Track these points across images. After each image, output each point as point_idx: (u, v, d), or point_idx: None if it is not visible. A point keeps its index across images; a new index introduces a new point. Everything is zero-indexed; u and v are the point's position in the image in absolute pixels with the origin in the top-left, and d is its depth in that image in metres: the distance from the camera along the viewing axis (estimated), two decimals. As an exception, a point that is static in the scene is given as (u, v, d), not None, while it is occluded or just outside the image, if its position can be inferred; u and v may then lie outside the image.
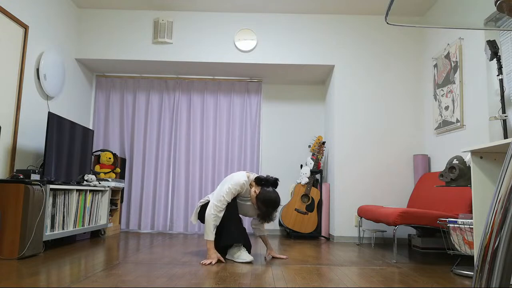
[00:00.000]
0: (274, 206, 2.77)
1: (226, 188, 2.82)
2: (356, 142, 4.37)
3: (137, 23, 4.52)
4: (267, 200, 2.75)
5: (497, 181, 0.68)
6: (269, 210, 2.77)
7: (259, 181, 2.85)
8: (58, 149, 3.53)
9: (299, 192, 4.51)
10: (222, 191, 2.83)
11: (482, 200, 2.19)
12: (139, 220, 4.75)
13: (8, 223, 2.69)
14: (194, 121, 4.90)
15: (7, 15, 3.28)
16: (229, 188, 2.81)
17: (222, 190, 2.84)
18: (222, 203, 2.79)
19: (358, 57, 4.48)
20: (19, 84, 3.47)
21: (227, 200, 2.80)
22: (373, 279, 2.30)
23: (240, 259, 2.82)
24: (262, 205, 2.77)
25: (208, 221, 2.77)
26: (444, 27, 4.19)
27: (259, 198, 2.78)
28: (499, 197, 0.66)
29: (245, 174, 2.92)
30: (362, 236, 4.30)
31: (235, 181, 2.84)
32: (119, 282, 2.04)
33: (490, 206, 0.68)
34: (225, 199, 2.79)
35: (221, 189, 2.86)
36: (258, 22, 4.52)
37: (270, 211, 2.78)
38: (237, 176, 2.87)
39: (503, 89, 2.73)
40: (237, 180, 2.84)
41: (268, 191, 2.78)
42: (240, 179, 2.85)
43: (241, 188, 2.84)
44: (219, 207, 2.78)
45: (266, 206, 2.76)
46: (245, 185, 2.87)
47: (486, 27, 3.25)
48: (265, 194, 2.77)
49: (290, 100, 5.12)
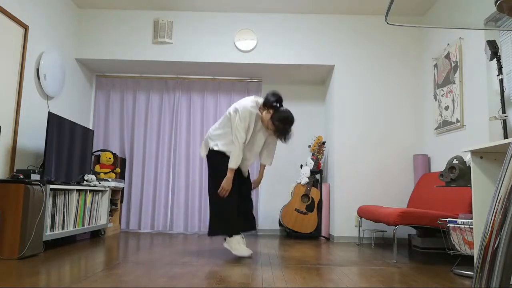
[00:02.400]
0: (291, 123, 2.85)
1: (237, 119, 2.84)
2: (356, 142, 4.37)
3: (137, 23, 4.52)
4: (284, 118, 2.82)
5: (497, 181, 0.68)
6: (286, 128, 2.85)
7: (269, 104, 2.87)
8: (58, 149, 3.53)
9: (299, 192, 4.51)
10: (235, 126, 2.85)
11: (482, 200, 2.19)
12: (139, 220, 4.75)
13: (8, 223, 2.69)
14: (194, 121, 4.90)
15: (7, 15, 3.28)
16: (239, 119, 2.84)
17: (234, 125, 2.86)
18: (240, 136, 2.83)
19: (358, 57, 4.48)
20: (19, 84, 3.47)
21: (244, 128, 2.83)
22: (373, 279, 2.30)
23: (237, 252, 2.86)
24: (279, 123, 2.82)
25: (234, 154, 2.84)
26: (444, 27, 4.19)
27: (275, 118, 2.83)
28: (499, 197, 0.66)
29: (252, 99, 2.94)
30: (362, 236, 4.30)
31: (243, 107, 2.85)
32: (119, 282, 2.04)
33: (490, 206, 0.68)
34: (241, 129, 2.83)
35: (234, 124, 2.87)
36: (258, 22, 4.52)
37: (288, 128, 2.86)
38: (244, 102, 2.90)
39: (503, 89, 2.73)
40: (246, 105, 2.86)
41: (283, 110, 2.85)
42: (248, 105, 2.87)
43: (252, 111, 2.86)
44: (238, 141, 2.83)
45: (283, 124, 2.82)
46: (253, 112, 2.88)
47: (486, 27, 3.25)
48: (280, 113, 2.83)
49: (290, 100, 5.12)
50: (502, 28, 3.21)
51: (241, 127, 2.83)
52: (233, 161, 2.84)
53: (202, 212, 4.76)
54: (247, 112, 2.84)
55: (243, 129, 2.83)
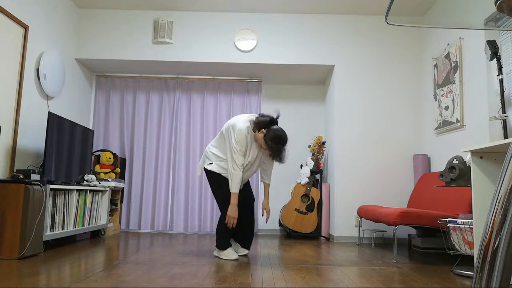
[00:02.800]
0: (283, 142, 2.79)
1: (233, 142, 2.81)
2: (356, 142, 4.37)
3: (137, 23, 4.52)
4: (277, 138, 2.76)
5: (497, 181, 0.68)
6: (280, 147, 2.80)
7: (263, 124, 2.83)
8: (58, 149, 3.53)
9: (299, 192, 4.51)
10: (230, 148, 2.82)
11: (482, 200, 2.19)
12: (139, 220, 4.75)
13: (8, 223, 2.69)
14: (194, 121, 4.90)
15: (7, 15, 3.28)
16: (235, 142, 2.81)
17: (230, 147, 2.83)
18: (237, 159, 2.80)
19: (358, 57, 4.48)
20: (19, 84, 3.47)
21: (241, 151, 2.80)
22: (373, 279, 2.30)
23: (225, 257, 2.88)
24: (272, 143, 2.77)
25: (232, 177, 2.80)
26: (444, 27, 4.19)
27: (268, 137, 2.78)
28: (499, 197, 0.66)
29: (246, 119, 2.89)
30: (362, 236, 4.30)
31: (239, 130, 2.82)
32: (119, 282, 2.04)
33: (490, 206, 0.68)
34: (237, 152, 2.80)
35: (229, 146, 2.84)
36: (258, 22, 4.52)
37: (281, 148, 2.81)
38: (239, 123, 2.85)
39: (503, 89, 2.73)
40: (241, 128, 2.82)
41: (276, 129, 2.79)
42: (243, 126, 2.83)
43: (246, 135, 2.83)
44: (236, 164, 2.80)
45: (276, 143, 2.77)
46: (249, 131, 2.85)
47: (486, 27, 3.25)
48: (273, 132, 2.77)
49: (290, 100, 5.12)
50: (502, 28, 3.21)
51: (238, 151, 2.80)
52: (234, 186, 2.81)
53: (202, 212, 4.76)
54: (243, 135, 2.81)
55: (240, 152, 2.80)
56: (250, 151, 2.89)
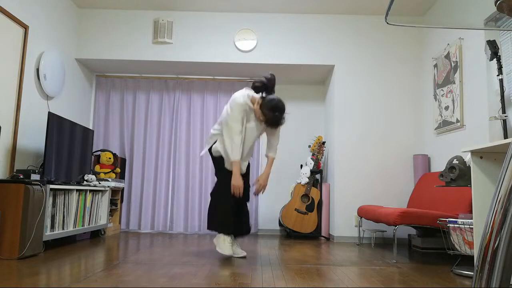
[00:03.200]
0: (280, 110, 2.74)
1: (229, 109, 2.78)
2: (356, 142, 4.37)
3: (137, 23, 4.52)
4: (273, 106, 2.72)
5: (497, 181, 0.68)
6: (277, 115, 2.74)
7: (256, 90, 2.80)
8: (58, 149, 3.53)
9: (299, 192, 4.51)
10: (226, 118, 2.79)
11: (482, 200, 2.19)
12: (139, 220, 4.75)
13: (8, 223, 2.69)
14: (194, 121, 4.90)
15: (7, 15, 3.28)
16: (230, 108, 2.78)
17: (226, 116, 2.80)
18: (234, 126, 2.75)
19: (358, 57, 4.48)
20: (19, 84, 3.47)
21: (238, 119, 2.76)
22: (373, 279, 2.30)
23: (220, 250, 2.85)
24: (269, 112, 2.72)
25: (230, 144, 2.76)
26: (444, 27, 4.19)
27: (264, 107, 2.74)
28: (499, 197, 0.66)
29: (244, 92, 2.86)
30: (362, 236, 4.30)
31: (234, 100, 2.80)
32: (119, 282, 2.04)
33: (490, 206, 0.68)
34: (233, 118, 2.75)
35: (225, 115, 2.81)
36: (258, 22, 4.52)
37: (278, 116, 2.75)
38: (237, 94, 2.83)
39: (503, 89, 2.73)
40: (236, 98, 2.79)
41: (271, 98, 2.75)
42: (239, 97, 2.80)
43: (242, 104, 2.79)
44: (233, 131, 2.75)
45: (273, 112, 2.72)
46: (246, 102, 2.81)
47: (486, 27, 3.25)
48: (268, 101, 2.74)
49: (290, 100, 5.12)
50: (502, 28, 3.21)
51: (234, 118, 2.76)
52: (234, 152, 2.75)
53: (202, 212, 4.76)
54: (239, 104, 2.77)
55: (235, 119, 2.75)
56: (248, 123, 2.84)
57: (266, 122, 2.81)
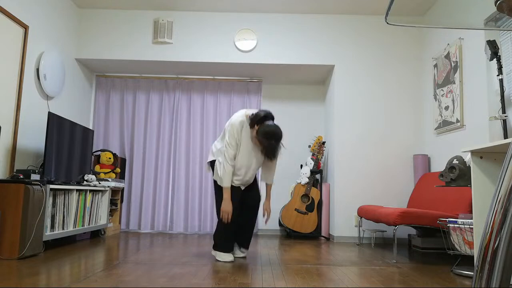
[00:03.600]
0: (276, 138, 2.67)
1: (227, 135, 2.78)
2: (356, 142, 4.37)
3: (137, 23, 4.52)
4: (269, 133, 2.65)
5: (497, 181, 0.68)
6: (272, 143, 2.68)
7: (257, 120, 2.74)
8: (58, 149, 3.53)
9: (299, 192, 4.51)
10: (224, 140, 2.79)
11: (482, 200, 2.19)
12: (139, 220, 4.75)
13: (8, 223, 2.69)
14: (194, 121, 4.90)
15: (7, 15, 3.28)
16: (229, 133, 2.77)
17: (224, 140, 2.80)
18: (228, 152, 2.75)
19: (358, 57, 4.48)
20: (19, 84, 3.47)
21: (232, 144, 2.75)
22: (373, 279, 2.30)
23: (220, 258, 2.83)
24: (264, 139, 2.66)
25: (222, 172, 2.75)
26: (444, 27, 4.19)
27: (259, 133, 2.68)
28: (499, 197, 0.66)
29: (243, 114, 2.82)
30: (362, 236, 4.30)
31: (230, 123, 2.78)
32: (119, 282, 2.04)
33: (490, 206, 0.68)
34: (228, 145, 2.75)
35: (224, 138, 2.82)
36: (258, 22, 4.52)
37: (274, 144, 2.68)
38: (234, 117, 2.81)
39: (503, 89, 2.73)
40: (234, 121, 2.77)
41: (268, 125, 2.69)
42: (237, 120, 2.78)
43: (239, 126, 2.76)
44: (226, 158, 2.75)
45: (268, 139, 2.67)
46: (244, 124, 2.78)
47: (486, 27, 3.25)
48: (264, 128, 2.67)
49: (290, 100, 5.12)
50: (502, 28, 3.21)
51: (228, 144, 2.76)
52: (224, 179, 2.74)
53: (202, 212, 4.76)
54: (235, 128, 2.75)
55: (230, 145, 2.75)
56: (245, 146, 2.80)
57: (262, 152, 2.80)
